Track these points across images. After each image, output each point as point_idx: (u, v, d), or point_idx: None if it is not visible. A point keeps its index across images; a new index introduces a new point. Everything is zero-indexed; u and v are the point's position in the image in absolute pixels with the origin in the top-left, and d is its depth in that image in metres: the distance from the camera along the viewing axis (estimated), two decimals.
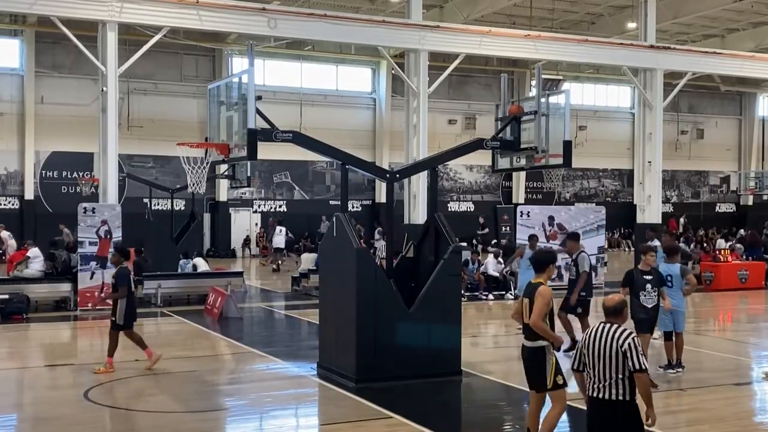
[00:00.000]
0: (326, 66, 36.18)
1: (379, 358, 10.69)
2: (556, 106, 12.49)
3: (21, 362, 10.89)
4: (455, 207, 38.22)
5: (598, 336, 6.14)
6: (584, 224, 23.03)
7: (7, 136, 31.26)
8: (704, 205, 44.63)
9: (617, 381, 6.03)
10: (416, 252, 12.10)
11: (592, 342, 6.15)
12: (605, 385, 6.06)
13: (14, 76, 31.46)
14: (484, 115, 36.13)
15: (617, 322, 6.19)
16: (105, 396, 10.41)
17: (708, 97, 43.83)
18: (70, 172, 31.77)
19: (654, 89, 25.49)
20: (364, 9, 30.34)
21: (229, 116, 11.63)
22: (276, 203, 35.75)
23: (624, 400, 6.04)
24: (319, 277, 12.66)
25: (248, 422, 9.03)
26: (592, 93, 41.47)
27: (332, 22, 21.90)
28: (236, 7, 20.95)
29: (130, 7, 19.33)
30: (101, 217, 18.35)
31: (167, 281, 19.55)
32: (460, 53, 24.09)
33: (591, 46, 25.50)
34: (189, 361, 12.67)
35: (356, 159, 12.25)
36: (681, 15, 30.33)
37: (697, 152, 43.68)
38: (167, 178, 30.86)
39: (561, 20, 32.68)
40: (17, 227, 30.52)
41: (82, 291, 17.94)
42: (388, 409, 9.52)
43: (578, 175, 41.21)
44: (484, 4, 29.40)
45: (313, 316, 14.07)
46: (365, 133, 36.40)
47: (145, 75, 31.84)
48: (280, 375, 11.88)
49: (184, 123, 31.55)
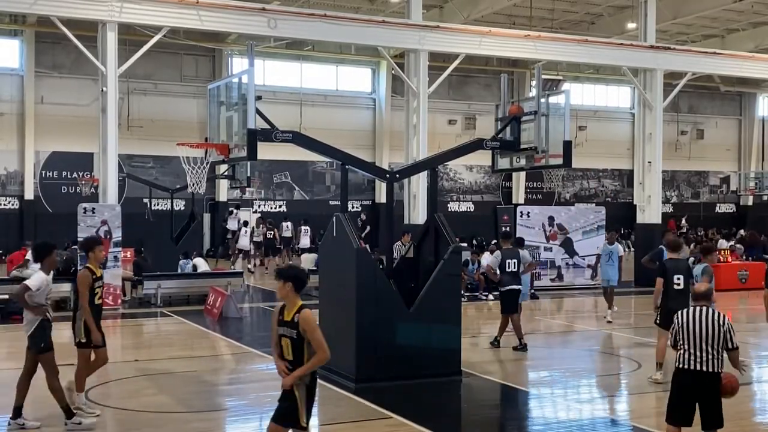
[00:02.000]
0: (326, 66, 36.17)
1: (379, 358, 10.69)
2: (556, 107, 12.51)
3: (21, 363, 10.87)
4: (455, 207, 38.22)
5: (697, 318, 7.24)
6: (584, 224, 23.08)
7: (7, 136, 31.25)
8: (704, 205, 44.62)
9: (715, 356, 7.17)
10: (416, 252, 12.10)
11: (692, 322, 7.24)
12: (705, 360, 7.16)
13: (14, 76, 31.45)
14: (484, 116, 36.12)
15: (707, 305, 7.36)
16: (105, 396, 10.42)
17: (708, 97, 43.83)
18: (70, 172, 31.76)
19: (654, 89, 25.48)
20: (364, 9, 30.33)
21: (229, 116, 11.63)
22: (276, 203, 35.75)
23: (718, 372, 7.17)
24: (319, 277, 12.66)
25: (248, 422, 9.04)
26: (592, 93, 41.47)
27: (332, 22, 21.89)
28: (236, 7, 20.95)
29: (130, 7, 19.32)
30: (101, 218, 18.37)
31: (167, 281, 19.56)
32: (460, 53, 24.09)
33: (591, 47, 25.50)
34: (189, 361, 12.67)
35: (356, 159, 12.26)
36: (681, 15, 30.31)
37: (697, 152, 43.67)
38: (167, 178, 30.86)
39: (561, 20, 32.68)
40: (17, 227, 30.54)
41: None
42: (388, 409, 9.52)
43: (578, 176, 41.20)
44: (484, 4, 29.39)
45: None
46: (365, 134, 36.40)
47: (145, 75, 31.83)
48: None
49: (184, 123, 31.55)
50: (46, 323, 8.83)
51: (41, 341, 8.76)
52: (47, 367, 8.78)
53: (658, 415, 9.81)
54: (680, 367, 7.28)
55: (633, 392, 11.27)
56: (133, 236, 20.80)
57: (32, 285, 8.65)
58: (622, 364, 13.19)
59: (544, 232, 22.92)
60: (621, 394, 11.39)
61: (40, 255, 9.07)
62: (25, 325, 8.86)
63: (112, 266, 18.30)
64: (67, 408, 8.78)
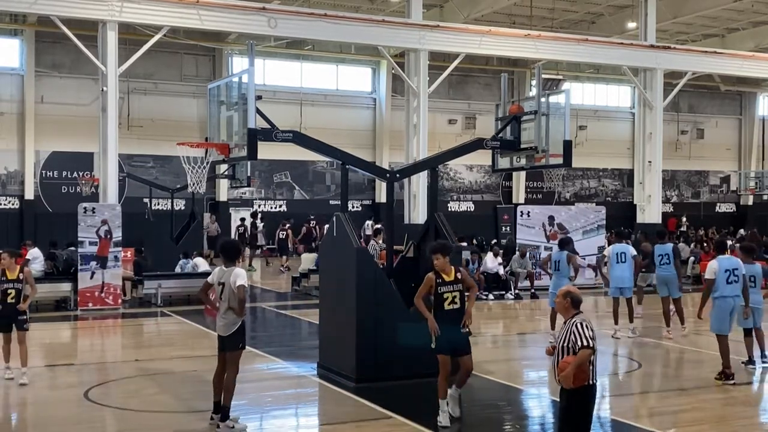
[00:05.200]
0: (326, 65, 36.16)
1: (380, 358, 10.69)
2: (556, 106, 12.50)
3: (18, 362, 10.89)
4: (455, 207, 38.20)
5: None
6: (584, 224, 23.04)
7: (7, 135, 31.23)
8: (704, 205, 44.59)
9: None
10: (416, 252, 12.09)
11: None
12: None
13: (14, 76, 31.43)
14: (484, 115, 36.10)
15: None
16: (105, 396, 10.42)
17: (708, 96, 43.80)
18: (70, 171, 31.75)
19: (654, 89, 25.50)
20: (364, 9, 30.32)
21: (229, 116, 11.62)
22: (276, 203, 35.74)
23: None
24: (320, 277, 12.65)
25: (248, 422, 9.03)
26: (592, 93, 41.44)
27: (332, 21, 21.91)
28: (236, 6, 20.95)
29: (130, 6, 19.33)
30: (101, 217, 18.37)
31: (167, 281, 19.55)
32: (460, 53, 24.10)
33: (591, 46, 25.51)
34: (189, 360, 12.67)
35: (356, 159, 12.26)
36: (681, 14, 30.30)
37: (697, 152, 43.64)
38: (167, 177, 30.84)
39: (561, 20, 32.67)
40: (17, 227, 30.52)
41: (83, 291, 17.96)
42: (388, 409, 9.52)
43: (578, 175, 41.18)
44: (484, 3, 29.39)
45: (314, 316, 14.07)
46: (365, 133, 36.38)
47: (145, 75, 31.82)
48: (280, 375, 11.88)
49: (184, 123, 31.53)
50: (244, 324, 8.94)
51: (240, 341, 8.87)
52: (235, 366, 8.86)
53: (660, 414, 9.82)
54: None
55: (635, 392, 11.26)
56: (133, 236, 20.78)
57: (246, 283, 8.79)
58: (623, 364, 13.18)
59: (545, 232, 22.88)
60: (622, 394, 11.38)
61: (235, 254, 9.14)
62: (223, 325, 8.81)
63: (113, 266, 18.30)
64: (227, 409, 8.76)
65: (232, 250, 9.12)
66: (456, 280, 9.05)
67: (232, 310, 8.73)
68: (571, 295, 6.76)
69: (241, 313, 8.78)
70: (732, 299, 11.17)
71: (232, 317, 8.76)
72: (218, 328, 8.94)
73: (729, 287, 11.15)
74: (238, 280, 8.70)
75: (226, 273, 8.82)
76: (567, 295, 6.77)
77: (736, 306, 11.21)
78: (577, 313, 6.73)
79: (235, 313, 8.73)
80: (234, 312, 8.73)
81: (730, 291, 11.15)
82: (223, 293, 8.79)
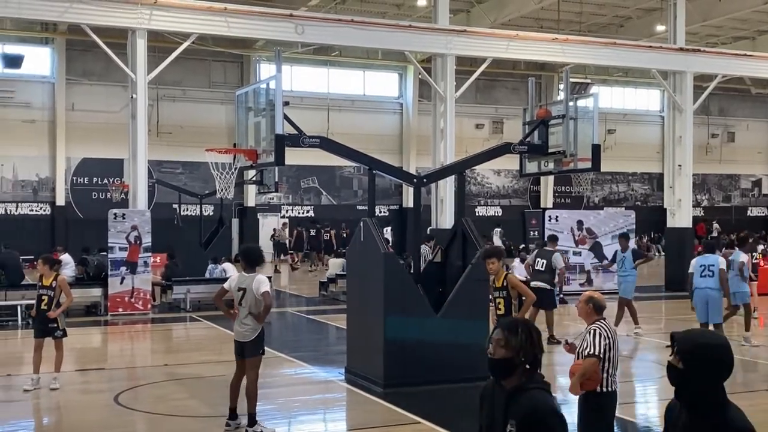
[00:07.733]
0: (353, 71, 36.27)
1: (407, 363, 10.66)
2: (584, 110, 12.42)
3: (52, 366, 11.00)
4: (482, 212, 38.11)
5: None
6: (613, 228, 22.86)
7: (38, 142, 31.66)
8: (735, 209, 44.10)
9: None
10: (444, 257, 12.06)
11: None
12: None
13: (45, 84, 31.87)
14: (512, 119, 35.97)
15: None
16: (135, 400, 10.50)
17: (739, 99, 43.32)
18: (100, 178, 32.10)
19: (684, 92, 25.23)
20: (390, 14, 30.38)
21: (256, 122, 11.68)
22: (303, 208, 35.87)
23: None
24: (347, 282, 12.66)
25: (276, 427, 9.05)
26: (620, 96, 41.17)
27: (359, 27, 21.93)
28: (264, 13, 21.06)
29: (159, 14, 19.49)
30: (131, 223, 18.53)
31: (196, 286, 19.69)
32: (487, 57, 24.01)
33: (619, 49, 25.31)
34: (218, 365, 12.71)
35: (383, 164, 12.25)
36: (711, 17, 30.00)
37: (728, 155, 43.18)
38: (196, 183, 31.07)
39: (589, 23, 32.50)
40: (49, 233, 30.90)
41: (113, 296, 18.13)
42: (416, 415, 9.49)
43: (607, 179, 40.91)
44: (511, 8, 29.31)
45: (341, 321, 14.09)
46: (392, 138, 36.42)
47: (173, 82, 32.09)
48: (308, 380, 11.90)
49: (213, 129, 31.77)
50: (263, 329, 8.97)
51: (260, 347, 8.92)
52: (256, 372, 8.89)
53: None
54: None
55: (650, 398, 11.14)
56: (162, 242, 20.93)
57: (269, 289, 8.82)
58: (649, 370, 13.04)
59: (573, 237, 22.74)
60: (641, 399, 11.27)
61: (257, 260, 8.99)
62: (243, 331, 8.82)
63: (142, 271, 18.45)
64: (253, 415, 8.79)
65: (253, 256, 9.02)
66: (503, 286, 9.56)
67: (252, 316, 8.71)
68: (594, 301, 6.74)
69: (263, 319, 8.77)
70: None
71: (252, 323, 8.74)
72: (236, 334, 8.91)
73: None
74: (261, 287, 8.66)
75: (248, 279, 8.80)
76: (590, 300, 6.75)
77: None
78: (598, 318, 6.70)
79: (257, 319, 8.71)
80: (256, 318, 8.71)
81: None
82: (244, 299, 8.75)
